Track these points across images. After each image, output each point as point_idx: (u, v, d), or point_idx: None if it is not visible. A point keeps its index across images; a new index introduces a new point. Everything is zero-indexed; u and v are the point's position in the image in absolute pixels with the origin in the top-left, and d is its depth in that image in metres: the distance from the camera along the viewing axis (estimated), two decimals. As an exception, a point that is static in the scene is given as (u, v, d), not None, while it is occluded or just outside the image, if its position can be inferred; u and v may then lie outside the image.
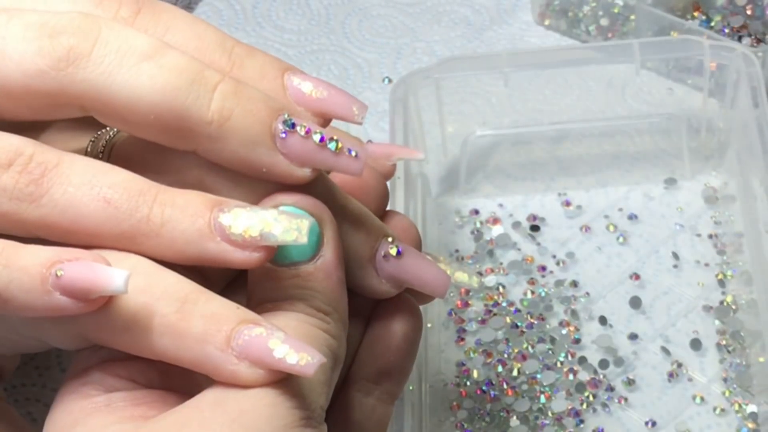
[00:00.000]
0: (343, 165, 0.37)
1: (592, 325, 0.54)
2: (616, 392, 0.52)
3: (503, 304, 0.55)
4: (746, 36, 0.60)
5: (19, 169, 0.35)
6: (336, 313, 0.38)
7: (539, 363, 0.53)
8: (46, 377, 0.53)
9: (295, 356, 0.34)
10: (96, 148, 0.39)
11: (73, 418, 0.35)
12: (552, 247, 0.57)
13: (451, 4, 0.67)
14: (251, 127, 0.36)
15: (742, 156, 0.56)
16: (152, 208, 0.35)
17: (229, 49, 0.39)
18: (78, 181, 0.35)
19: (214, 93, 0.36)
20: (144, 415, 0.35)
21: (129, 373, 0.36)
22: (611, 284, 0.56)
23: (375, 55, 0.65)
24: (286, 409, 0.35)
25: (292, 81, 0.39)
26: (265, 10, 0.68)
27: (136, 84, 0.35)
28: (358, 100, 0.40)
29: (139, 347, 0.35)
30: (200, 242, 0.35)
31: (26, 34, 0.36)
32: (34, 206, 0.35)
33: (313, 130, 0.37)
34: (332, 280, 0.37)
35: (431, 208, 0.58)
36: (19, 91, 0.36)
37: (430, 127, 0.59)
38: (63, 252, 0.34)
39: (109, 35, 0.36)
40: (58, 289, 0.34)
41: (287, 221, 0.35)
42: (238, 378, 0.35)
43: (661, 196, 0.58)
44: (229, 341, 0.34)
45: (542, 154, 0.60)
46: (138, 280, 0.34)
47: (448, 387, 0.53)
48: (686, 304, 0.55)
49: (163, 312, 0.35)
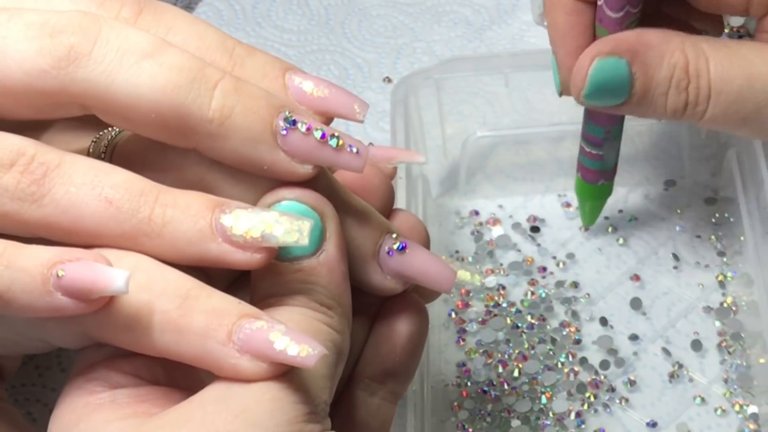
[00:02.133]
0: (344, 161, 0.37)
1: (593, 326, 0.54)
2: (617, 393, 0.52)
3: (504, 305, 0.55)
4: (746, 36, 0.60)
5: (20, 169, 0.35)
6: (339, 308, 0.38)
7: (540, 364, 0.53)
8: (46, 377, 0.53)
9: (296, 348, 0.34)
10: (98, 148, 0.39)
11: (77, 415, 0.35)
12: (552, 248, 0.57)
13: (451, 4, 0.67)
14: (252, 124, 0.36)
15: (741, 157, 0.56)
16: (154, 209, 0.35)
17: (230, 49, 0.39)
18: (80, 181, 0.35)
19: (214, 91, 0.36)
20: (148, 411, 0.35)
21: (134, 369, 0.36)
22: (611, 285, 0.56)
23: (375, 55, 0.65)
24: (290, 403, 0.35)
25: (293, 80, 0.39)
26: (265, 10, 0.67)
27: (136, 83, 0.35)
28: (359, 98, 0.40)
29: (141, 345, 0.35)
30: (201, 243, 0.35)
31: (27, 34, 0.35)
32: (35, 206, 0.35)
33: (314, 127, 0.37)
34: (335, 274, 0.37)
35: (431, 209, 0.58)
36: (21, 90, 0.36)
37: (431, 127, 0.59)
38: (64, 252, 0.34)
39: (110, 34, 0.36)
40: (60, 290, 0.34)
41: (289, 223, 0.35)
42: (240, 372, 0.35)
43: (661, 198, 0.58)
44: (230, 336, 0.34)
45: (542, 155, 0.60)
46: (139, 277, 0.35)
47: (449, 387, 0.53)
48: (686, 305, 0.55)
49: (164, 309, 0.35)
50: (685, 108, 0.46)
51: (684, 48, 0.46)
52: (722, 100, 0.46)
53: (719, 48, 0.46)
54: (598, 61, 0.46)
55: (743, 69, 0.46)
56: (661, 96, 0.46)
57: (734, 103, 0.46)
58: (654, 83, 0.46)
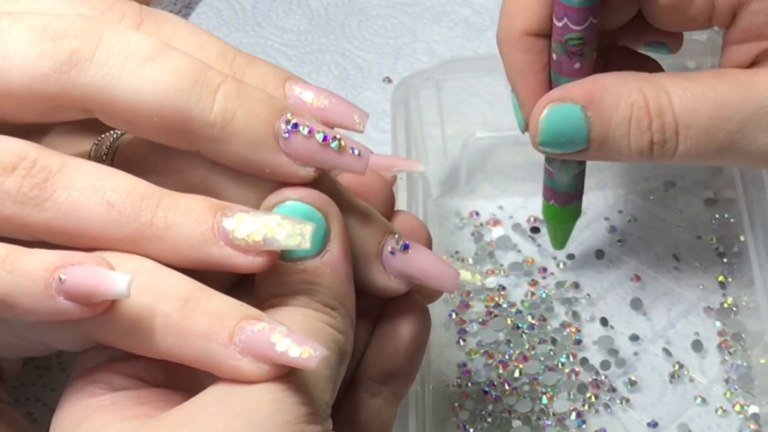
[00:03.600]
0: (346, 164, 0.38)
1: (593, 327, 0.54)
2: (617, 393, 0.52)
3: (504, 306, 0.55)
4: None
5: (22, 173, 0.35)
6: (343, 308, 0.38)
7: (541, 364, 0.53)
8: (46, 377, 0.53)
9: (298, 349, 0.34)
10: (99, 151, 0.39)
11: (78, 417, 0.36)
12: (552, 248, 0.57)
13: (451, 5, 0.67)
14: (254, 128, 0.36)
15: (742, 157, 0.56)
16: (156, 213, 0.35)
17: (230, 58, 0.39)
18: (82, 184, 0.35)
19: (216, 94, 0.36)
20: (148, 413, 0.35)
21: (135, 371, 0.37)
22: (612, 286, 0.56)
23: (375, 55, 0.65)
24: (291, 404, 0.35)
25: (293, 90, 0.39)
26: (265, 10, 0.67)
27: (139, 86, 0.35)
28: (359, 108, 0.40)
29: (143, 347, 0.35)
30: (203, 247, 0.36)
31: (29, 38, 0.36)
32: (37, 210, 0.35)
33: (315, 130, 0.37)
34: (339, 275, 0.38)
35: (432, 210, 0.58)
36: (23, 94, 0.36)
37: (431, 128, 0.59)
38: (66, 256, 0.34)
39: (112, 38, 0.36)
40: (62, 294, 0.34)
41: (290, 226, 0.35)
42: (242, 374, 0.35)
43: (661, 199, 0.58)
44: (232, 337, 0.35)
45: (542, 156, 0.59)
46: (140, 280, 0.35)
47: (449, 388, 0.53)
48: (687, 305, 0.55)
49: (166, 311, 0.35)
50: (652, 147, 0.45)
51: (642, 87, 0.44)
52: (693, 134, 0.44)
53: (681, 81, 0.44)
54: (549, 108, 0.45)
55: (709, 98, 0.44)
56: (623, 138, 0.45)
57: (706, 134, 0.44)
58: (612, 125, 0.44)
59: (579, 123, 0.45)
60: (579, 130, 0.45)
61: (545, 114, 0.45)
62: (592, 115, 0.44)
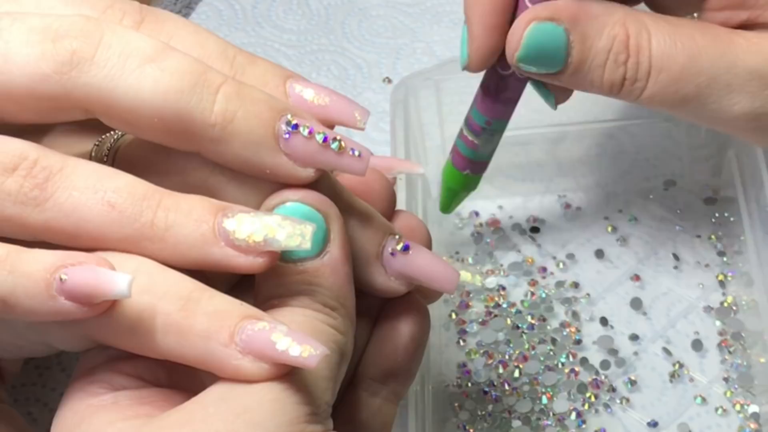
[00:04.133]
0: (346, 164, 0.38)
1: (593, 326, 0.54)
2: (617, 393, 0.52)
3: (504, 306, 0.55)
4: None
5: (23, 173, 0.35)
6: (343, 309, 0.38)
7: (540, 364, 0.53)
8: (46, 377, 0.53)
9: (298, 348, 0.34)
10: (100, 151, 0.39)
11: (79, 417, 0.36)
12: (552, 248, 0.57)
13: (451, 4, 0.67)
14: (254, 128, 0.36)
15: (741, 157, 0.56)
16: (156, 213, 0.35)
17: (231, 57, 0.39)
18: (82, 185, 0.35)
19: (216, 95, 0.36)
20: (149, 413, 0.35)
21: (136, 371, 0.37)
22: (611, 285, 0.56)
23: (375, 55, 0.65)
24: (291, 404, 0.35)
25: (294, 88, 0.39)
26: (265, 10, 0.67)
27: (139, 87, 0.35)
28: (360, 105, 0.40)
29: (144, 347, 0.35)
30: (204, 247, 0.36)
31: (30, 38, 0.36)
32: (38, 210, 0.35)
33: (316, 131, 0.37)
34: (339, 275, 0.38)
35: (431, 210, 0.58)
36: (23, 94, 0.36)
37: (430, 128, 0.59)
38: (67, 256, 0.34)
39: (112, 38, 0.36)
40: (63, 294, 0.34)
41: (291, 227, 0.35)
42: (242, 373, 0.35)
43: (661, 198, 0.58)
44: (232, 337, 0.35)
45: (542, 156, 0.60)
46: (141, 280, 0.35)
47: (449, 388, 0.53)
48: (687, 304, 0.55)
49: (166, 311, 0.35)
50: (623, 83, 0.45)
51: (626, 21, 0.44)
52: (663, 78, 0.44)
53: (663, 25, 0.44)
54: (534, 25, 0.44)
55: (686, 47, 0.44)
56: (598, 68, 0.44)
57: (675, 82, 0.44)
58: (591, 54, 0.44)
59: (560, 44, 0.44)
60: (559, 51, 0.44)
61: (529, 30, 0.44)
62: (574, 40, 0.44)
